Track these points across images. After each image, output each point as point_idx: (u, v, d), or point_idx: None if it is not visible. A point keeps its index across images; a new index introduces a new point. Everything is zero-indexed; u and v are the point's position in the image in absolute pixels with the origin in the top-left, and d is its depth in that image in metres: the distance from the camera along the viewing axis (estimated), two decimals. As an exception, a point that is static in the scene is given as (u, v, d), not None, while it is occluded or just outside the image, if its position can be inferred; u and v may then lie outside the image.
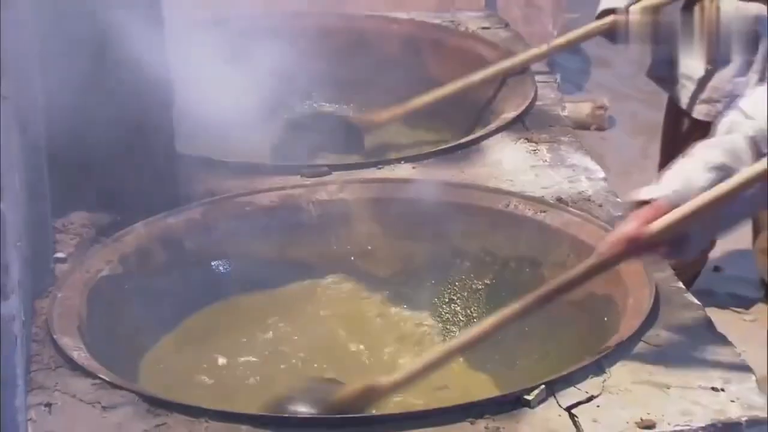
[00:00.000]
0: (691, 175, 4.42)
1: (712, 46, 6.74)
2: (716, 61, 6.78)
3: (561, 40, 7.12)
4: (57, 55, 4.92)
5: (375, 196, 5.34)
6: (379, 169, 5.54)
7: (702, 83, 6.80)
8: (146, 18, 5.13)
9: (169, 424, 3.98)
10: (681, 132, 7.00)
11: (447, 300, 5.09)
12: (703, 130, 6.34)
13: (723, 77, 6.74)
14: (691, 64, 6.83)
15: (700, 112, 6.83)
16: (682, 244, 4.43)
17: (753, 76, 6.16)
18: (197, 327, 5.06)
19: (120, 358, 4.52)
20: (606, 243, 4.45)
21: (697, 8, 6.82)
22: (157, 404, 4.08)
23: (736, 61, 6.67)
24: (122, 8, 5.07)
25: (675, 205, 4.31)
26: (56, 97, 4.96)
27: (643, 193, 4.43)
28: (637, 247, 4.36)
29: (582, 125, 6.56)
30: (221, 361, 4.93)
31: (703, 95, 6.80)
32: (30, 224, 4.43)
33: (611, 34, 6.93)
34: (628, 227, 4.37)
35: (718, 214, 4.42)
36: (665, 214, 4.31)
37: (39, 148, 4.75)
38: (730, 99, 6.27)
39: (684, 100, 6.90)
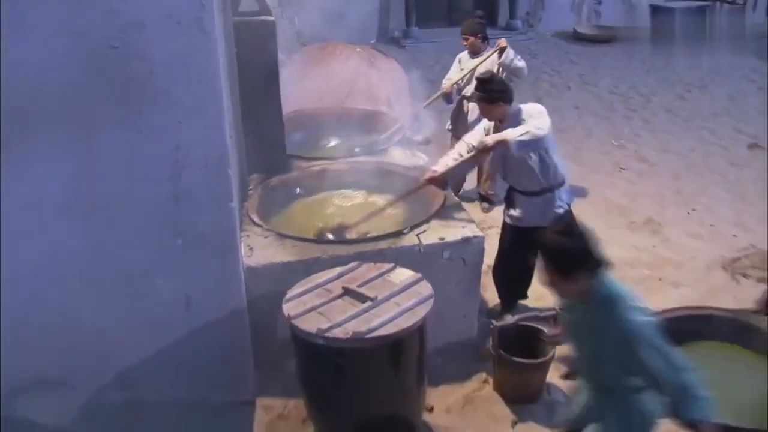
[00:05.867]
0: (449, 158, 4.41)
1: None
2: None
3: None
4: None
5: (358, 167, 5.02)
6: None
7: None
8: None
9: (285, 243, 4.01)
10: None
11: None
12: None
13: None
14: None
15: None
16: (446, 182, 4.48)
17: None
18: (293, 209, 4.77)
19: (269, 221, 4.37)
20: (425, 175, 4.39)
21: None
22: (280, 235, 4.11)
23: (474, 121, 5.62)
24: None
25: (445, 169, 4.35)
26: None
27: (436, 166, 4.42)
28: (432, 180, 4.36)
29: (425, 143, 6.27)
30: (303, 218, 4.65)
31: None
32: (240, 178, 4.28)
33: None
34: (430, 173, 4.39)
35: (457, 171, 4.48)
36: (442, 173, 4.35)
37: (242, 153, 4.63)
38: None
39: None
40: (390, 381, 3.39)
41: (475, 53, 6.15)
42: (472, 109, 6.11)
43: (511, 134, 4.08)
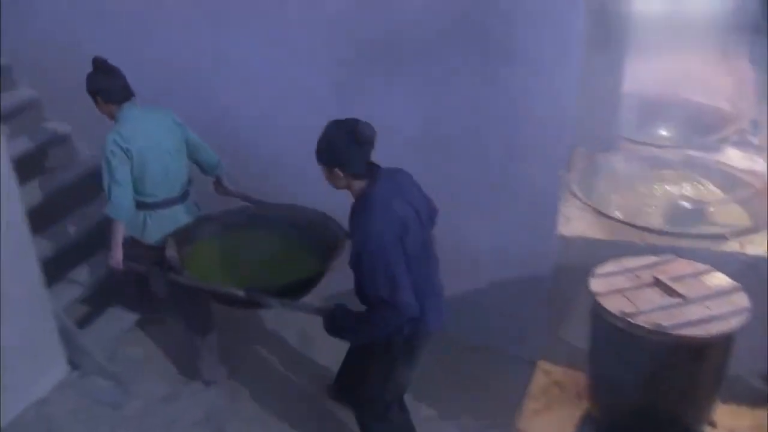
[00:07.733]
0: None
1: None
2: None
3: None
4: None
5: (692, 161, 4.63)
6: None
7: None
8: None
9: (601, 221, 3.85)
10: None
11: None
12: None
13: None
14: None
15: None
16: None
17: None
18: (614, 189, 4.41)
19: (590, 196, 4.15)
20: None
21: None
22: (598, 212, 3.93)
23: None
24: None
25: None
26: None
27: None
28: None
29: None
30: (622, 200, 4.30)
31: None
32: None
33: None
34: None
35: None
36: None
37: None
38: None
39: None
40: (682, 383, 3.25)
41: None
42: None
43: None
